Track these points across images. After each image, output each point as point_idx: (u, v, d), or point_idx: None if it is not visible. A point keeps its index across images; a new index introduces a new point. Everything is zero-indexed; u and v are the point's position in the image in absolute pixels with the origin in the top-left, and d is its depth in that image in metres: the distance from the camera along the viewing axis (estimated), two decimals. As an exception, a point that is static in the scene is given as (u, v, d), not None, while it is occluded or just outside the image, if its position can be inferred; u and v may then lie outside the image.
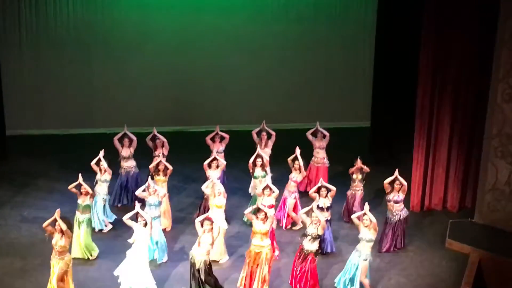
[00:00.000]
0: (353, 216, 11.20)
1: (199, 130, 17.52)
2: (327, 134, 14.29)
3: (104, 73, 18.22)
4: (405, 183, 12.17)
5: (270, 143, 14.36)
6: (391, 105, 15.63)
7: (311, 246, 10.84)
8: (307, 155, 14.02)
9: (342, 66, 18.92)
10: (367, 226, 10.85)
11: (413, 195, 14.02)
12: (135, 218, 10.94)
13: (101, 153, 12.90)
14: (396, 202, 12.24)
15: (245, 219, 13.13)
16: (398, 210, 12.30)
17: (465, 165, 13.88)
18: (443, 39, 13.07)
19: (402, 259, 12.21)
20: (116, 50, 18.06)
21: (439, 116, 13.61)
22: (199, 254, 10.61)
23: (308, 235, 10.84)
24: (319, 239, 10.94)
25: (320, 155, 14.41)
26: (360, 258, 10.91)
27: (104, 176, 12.88)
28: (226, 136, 14.30)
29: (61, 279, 10.42)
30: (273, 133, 14.35)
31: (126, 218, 10.97)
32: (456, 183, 13.99)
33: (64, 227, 10.29)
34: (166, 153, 13.76)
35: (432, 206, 14.18)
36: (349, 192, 13.43)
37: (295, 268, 11.02)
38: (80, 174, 12.01)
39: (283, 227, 13.21)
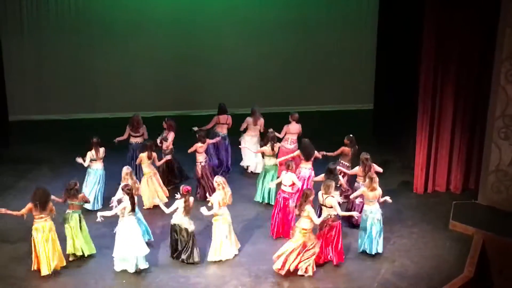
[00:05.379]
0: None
1: (201, 114, 17.52)
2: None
3: (105, 57, 18.19)
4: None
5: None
6: (394, 88, 15.56)
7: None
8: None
9: (344, 48, 18.89)
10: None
11: (417, 177, 14.04)
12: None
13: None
14: None
15: (257, 199, 13.32)
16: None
17: (469, 147, 13.86)
18: (446, 19, 13.00)
19: (405, 241, 12.22)
20: (117, 34, 18.03)
21: (442, 97, 13.57)
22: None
23: None
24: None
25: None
26: None
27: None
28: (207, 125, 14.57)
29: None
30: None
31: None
32: (459, 164, 13.97)
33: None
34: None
35: (436, 188, 14.18)
36: None
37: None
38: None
39: None
